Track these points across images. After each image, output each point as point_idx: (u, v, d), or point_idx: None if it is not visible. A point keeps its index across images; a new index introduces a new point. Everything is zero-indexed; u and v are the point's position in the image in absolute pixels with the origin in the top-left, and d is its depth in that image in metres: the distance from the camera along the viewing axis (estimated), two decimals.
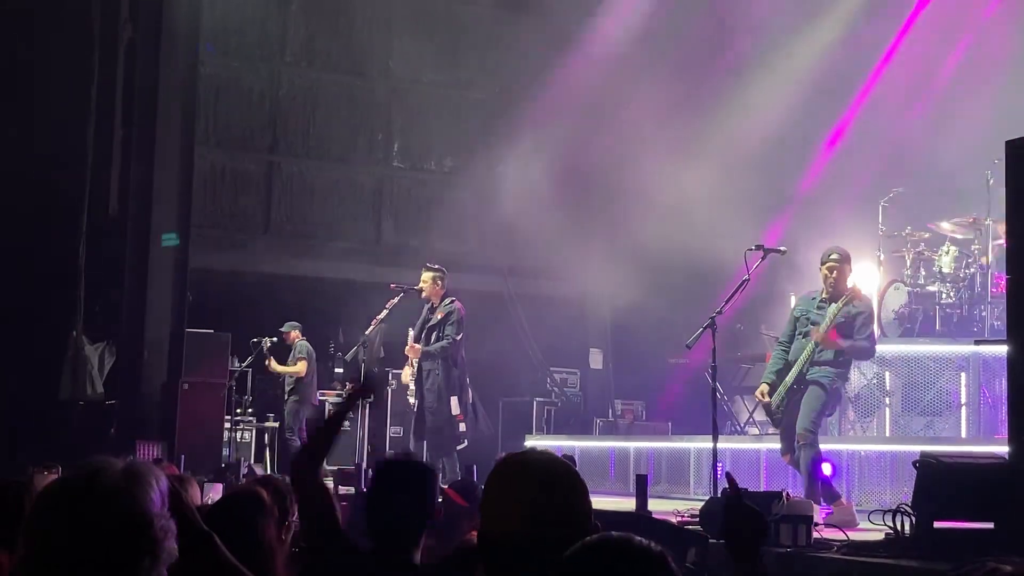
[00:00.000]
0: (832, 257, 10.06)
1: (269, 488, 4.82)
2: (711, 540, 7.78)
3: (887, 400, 12.74)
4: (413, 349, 12.94)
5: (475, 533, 3.28)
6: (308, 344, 16.53)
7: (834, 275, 10.01)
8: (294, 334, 16.55)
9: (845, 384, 10.12)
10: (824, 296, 10.07)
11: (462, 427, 12.73)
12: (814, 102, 16.71)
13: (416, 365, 12.98)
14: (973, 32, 16.48)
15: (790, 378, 9.92)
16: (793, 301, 10.58)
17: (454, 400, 12.69)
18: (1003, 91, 15.19)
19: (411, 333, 13.07)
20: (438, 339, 12.87)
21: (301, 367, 16.43)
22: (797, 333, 10.10)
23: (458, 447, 12.73)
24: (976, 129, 14.69)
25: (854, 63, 16.99)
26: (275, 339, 16.49)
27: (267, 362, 16.46)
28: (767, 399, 10.05)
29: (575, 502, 3.05)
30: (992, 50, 15.99)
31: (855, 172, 16.03)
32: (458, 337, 12.87)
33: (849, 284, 10.11)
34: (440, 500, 6.33)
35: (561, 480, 3.07)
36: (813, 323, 9.94)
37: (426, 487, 4.47)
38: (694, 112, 17.20)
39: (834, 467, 9.81)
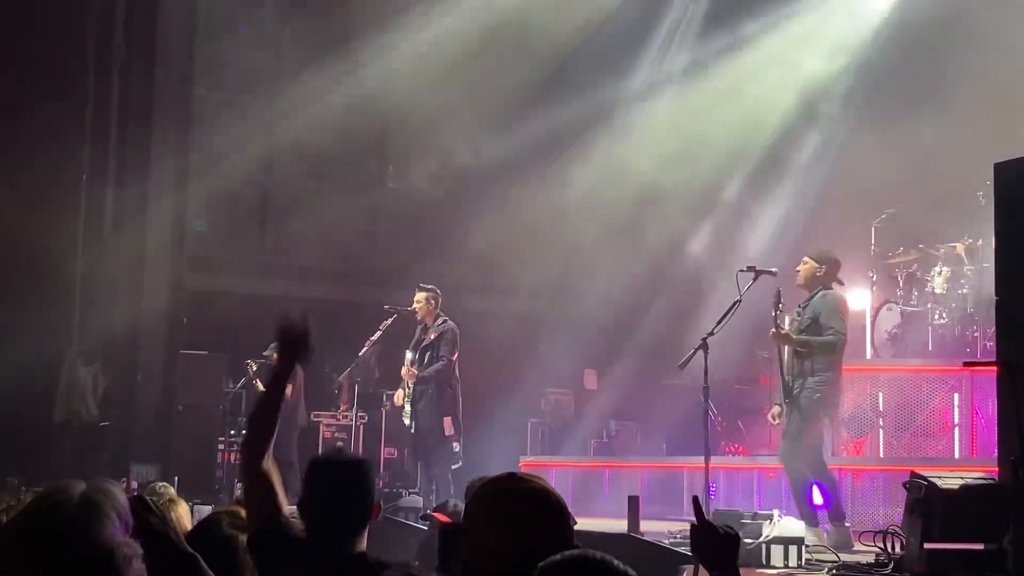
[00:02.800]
0: (806, 253, 10.16)
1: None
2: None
3: (880, 421, 12.75)
4: (409, 373, 12.96)
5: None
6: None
7: (799, 270, 10.09)
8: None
9: (832, 388, 10.03)
10: (804, 302, 10.14)
11: (456, 447, 12.73)
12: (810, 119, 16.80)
13: (410, 387, 13.00)
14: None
15: (782, 392, 9.95)
16: (787, 322, 10.59)
17: (447, 420, 12.70)
18: (996, 110, 15.23)
19: (408, 356, 13.07)
20: (432, 360, 12.89)
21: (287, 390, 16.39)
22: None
23: (453, 467, 12.72)
24: (969, 149, 14.74)
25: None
26: (262, 360, 16.43)
27: (254, 382, 16.46)
28: (778, 421, 10.08)
29: (557, 526, 3.07)
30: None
31: (848, 194, 16.05)
32: (453, 357, 12.90)
33: (832, 288, 10.13)
34: (428, 523, 6.33)
35: (543, 506, 3.08)
36: (777, 319, 9.97)
37: (362, 481, 4.33)
38: (687, 135, 17.25)
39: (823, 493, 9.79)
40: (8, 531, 2.75)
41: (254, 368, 16.23)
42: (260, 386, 16.28)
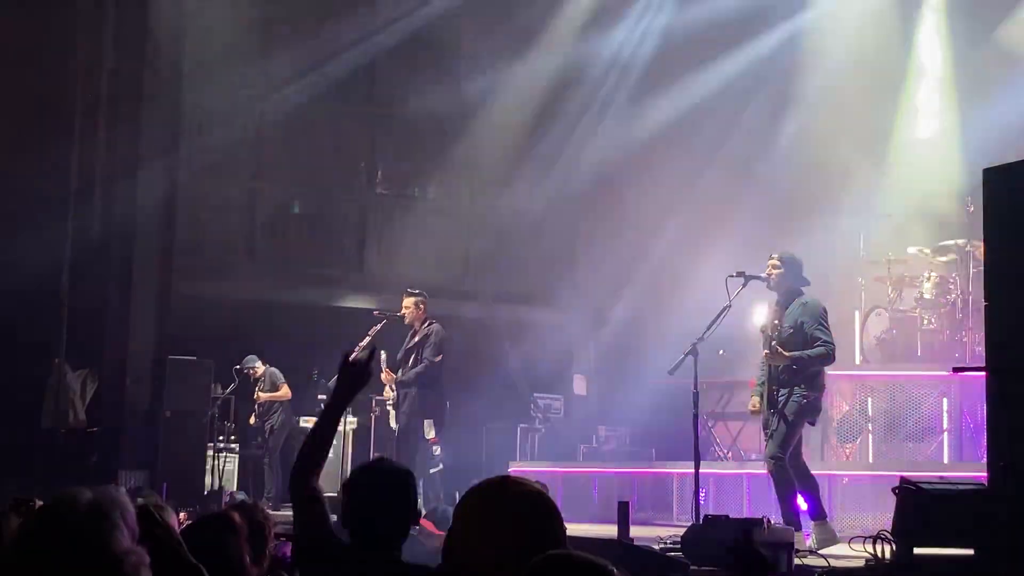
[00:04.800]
0: (772, 256, 10.09)
1: (244, 514, 4.79)
2: (692, 567, 7.77)
3: (869, 426, 12.76)
4: (388, 376, 12.95)
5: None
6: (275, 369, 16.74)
7: (771, 274, 10.01)
8: (261, 365, 16.60)
9: (818, 393, 10.02)
10: (775, 303, 10.09)
11: (436, 451, 12.70)
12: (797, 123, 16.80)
13: (393, 388, 13.00)
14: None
15: (766, 399, 9.93)
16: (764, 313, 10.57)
17: (427, 423, 12.67)
18: (981, 116, 15.28)
19: (383, 356, 13.05)
20: (416, 362, 12.88)
21: (287, 391, 16.53)
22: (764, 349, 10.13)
23: (432, 471, 12.68)
24: (956, 154, 14.80)
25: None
26: (250, 368, 16.49)
27: (256, 393, 16.55)
28: (757, 409, 10.05)
29: (550, 530, 3.04)
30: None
31: (836, 198, 16.08)
32: (436, 359, 12.84)
33: (805, 292, 10.09)
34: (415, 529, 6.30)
35: (536, 510, 3.05)
36: (771, 336, 9.93)
37: (405, 490, 4.38)
38: (676, 136, 17.27)
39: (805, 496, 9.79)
40: (19, 540, 2.74)
41: (260, 387, 16.36)
42: (261, 395, 16.39)
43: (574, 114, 18.92)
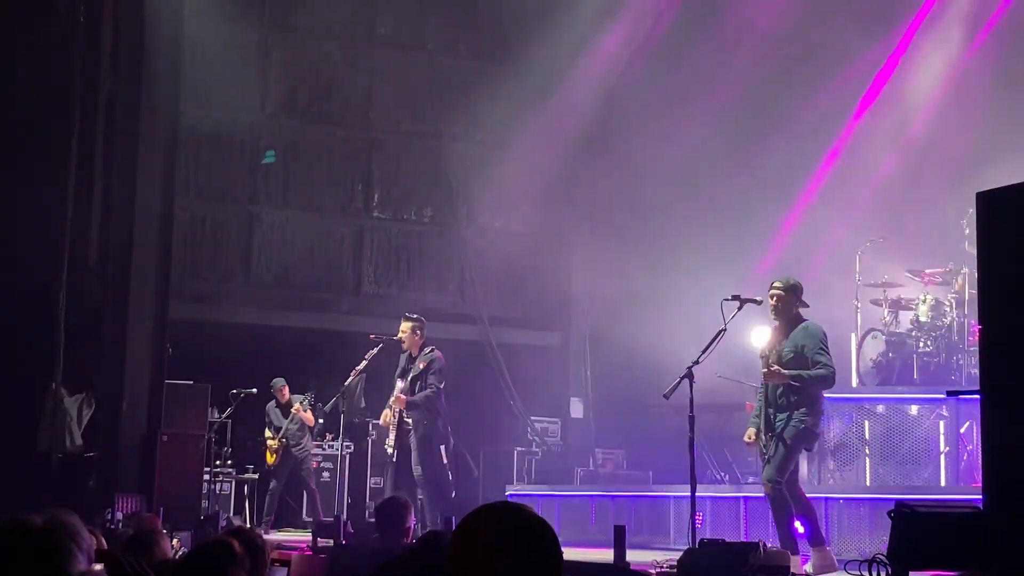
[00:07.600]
0: (775, 285, 10.09)
1: (241, 540, 4.79)
2: None
3: (866, 449, 12.75)
4: (400, 400, 12.95)
5: None
6: None
7: (776, 303, 10.02)
8: (288, 389, 16.62)
9: (816, 419, 10.02)
10: (777, 327, 10.10)
11: (450, 475, 12.76)
12: (792, 148, 16.83)
13: (399, 414, 12.98)
14: (949, 82, 16.66)
15: (763, 424, 9.94)
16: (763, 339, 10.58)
17: (443, 449, 12.73)
18: (979, 141, 15.33)
19: (399, 385, 13.07)
20: (421, 389, 12.90)
21: (311, 416, 16.55)
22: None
23: (452, 495, 12.77)
24: (952, 177, 14.82)
25: (833, 110, 17.12)
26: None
27: (299, 412, 16.51)
28: (753, 440, 10.05)
29: (551, 558, 3.03)
30: (968, 97, 16.18)
31: (832, 221, 16.12)
32: (441, 386, 12.91)
33: (805, 316, 10.11)
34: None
35: (537, 536, 3.04)
36: (770, 360, 9.94)
37: None
38: (672, 163, 17.29)
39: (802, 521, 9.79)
40: None
41: (284, 397, 16.40)
42: (308, 416, 16.34)
43: (569, 139, 18.96)
